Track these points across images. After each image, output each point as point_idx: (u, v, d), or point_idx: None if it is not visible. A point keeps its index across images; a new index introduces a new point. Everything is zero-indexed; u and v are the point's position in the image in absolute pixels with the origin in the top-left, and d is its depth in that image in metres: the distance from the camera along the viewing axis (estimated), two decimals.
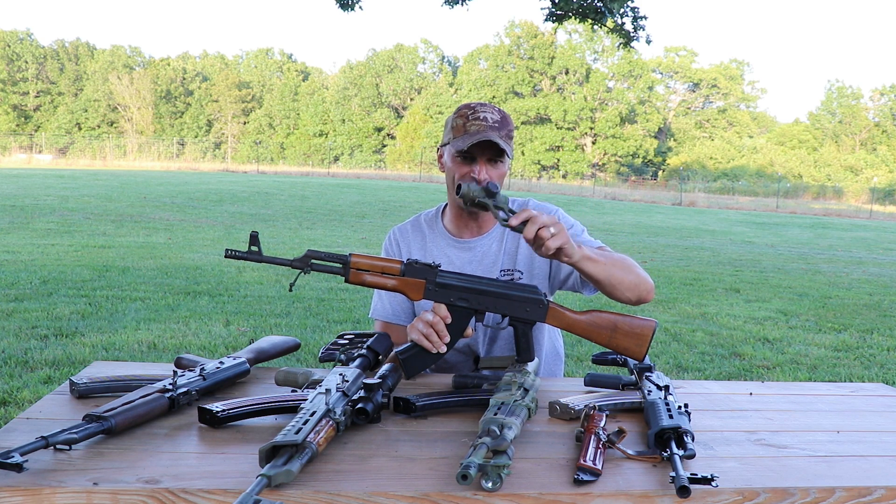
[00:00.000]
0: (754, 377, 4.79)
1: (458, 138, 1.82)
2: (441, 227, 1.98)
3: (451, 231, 1.97)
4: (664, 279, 8.91)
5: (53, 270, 7.28)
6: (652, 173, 50.43)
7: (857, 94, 53.76)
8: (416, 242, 1.99)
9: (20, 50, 55.01)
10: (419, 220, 2.03)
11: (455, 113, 1.86)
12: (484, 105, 1.84)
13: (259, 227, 12.80)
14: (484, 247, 1.94)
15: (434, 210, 2.04)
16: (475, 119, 1.80)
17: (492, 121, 1.81)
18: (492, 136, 1.77)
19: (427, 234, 1.99)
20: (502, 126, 1.82)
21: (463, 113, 1.83)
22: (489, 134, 1.77)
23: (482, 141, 1.77)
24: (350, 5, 9.08)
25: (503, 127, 1.82)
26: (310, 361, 4.41)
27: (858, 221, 26.88)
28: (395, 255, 2.00)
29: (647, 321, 1.65)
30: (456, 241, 1.95)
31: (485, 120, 1.80)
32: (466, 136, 1.79)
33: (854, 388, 1.83)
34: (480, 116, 1.80)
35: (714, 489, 1.10)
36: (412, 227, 2.02)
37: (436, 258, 1.94)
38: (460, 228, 1.95)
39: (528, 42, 50.30)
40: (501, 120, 1.82)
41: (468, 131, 1.80)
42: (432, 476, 1.13)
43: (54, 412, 1.37)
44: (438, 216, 2.01)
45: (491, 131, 1.79)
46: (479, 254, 1.94)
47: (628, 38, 9.63)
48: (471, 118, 1.81)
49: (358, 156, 53.99)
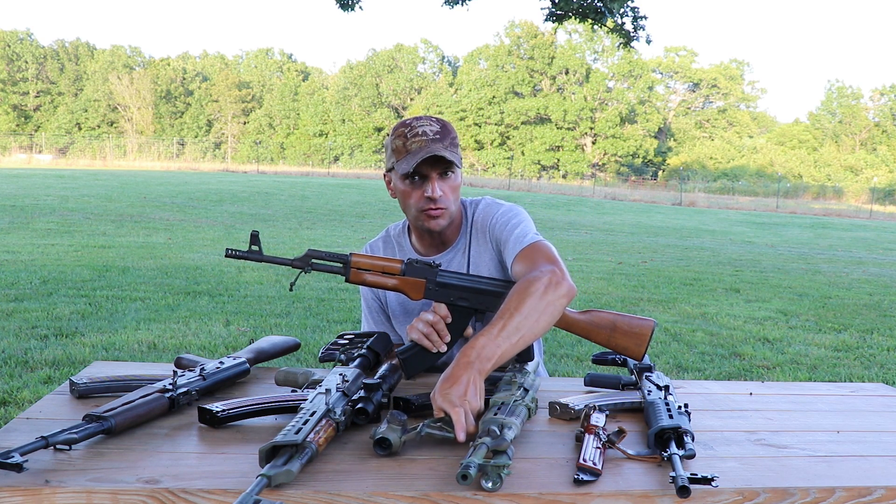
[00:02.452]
0: (754, 377, 4.79)
1: (401, 160, 1.71)
2: (408, 243, 1.91)
3: (417, 248, 1.89)
4: (664, 279, 8.91)
5: (53, 270, 7.28)
6: (652, 173, 50.45)
7: (857, 94, 53.78)
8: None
9: (20, 50, 55.01)
10: (388, 234, 1.96)
11: (392, 134, 1.75)
12: (420, 119, 1.74)
13: (259, 227, 12.80)
14: (452, 261, 1.85)
15: (401, 224, 1.95)
16: (414, 136, 1.70)
17: (432, 133, 1.70)
18: (436, 150, 1.67)
19: (396, 250, 1.92)
20: (444, 136, 1.71)
21: (400, 132, 1.72)
22: (432, 148, 1.67)
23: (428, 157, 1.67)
24: (350, 5, 9.09)
25: (445, 136, 1.71)
26: (310, 361, 4.41)
27: (858, 221, 26.88)
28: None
29: (646, 321, 1.65)
30: (424, 259, 1.85)
31: (424, 134, 1.70)
32: (410, 156, 1.69)
33: (854, 388, 1.83)
34: (419, 132, 1.70)
35: (714, 489, 1.10)
36: (383, 243, 1.95)
37: None
38: (427, 247, 1.87)
39: (528, 42, 50.32)
40: (441, 129, 1.72)
41: (410, 150, 1.69)
42: (432, 476, 1.13)
43: (54, 412, 1.37)
44: (405, 233, 1.93)
45: (433, 144, 1.69)
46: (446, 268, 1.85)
47: (628, 38, 9.64)
48: (409, 136, 1.70)
49: (358, 156, 53.99)
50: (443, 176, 1.72)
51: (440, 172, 1.71)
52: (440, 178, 1.72)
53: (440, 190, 1.71)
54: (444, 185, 1.72)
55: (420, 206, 1.73)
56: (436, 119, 1.75)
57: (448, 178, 1.73)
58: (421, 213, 1.74)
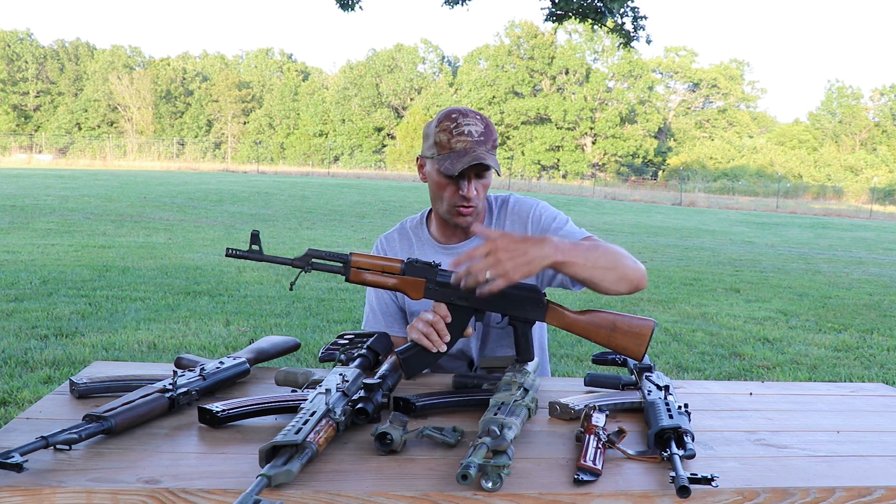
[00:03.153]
0: (754, 377, 4.79)
1: (443, 155, 1.73)
2: (426, 234, 1.94)
3: (436, 238, 1.92)
4: (664, 279, 8.91)
5: (53, 270, 7.28)
6: (652, 173, 50.44)
7: (857, 94, 53.79)
8: (404, 250, 1.94)
9: (20, 50, 55.02)
10: (404, 227, 1.99)
11: (437, 125, 1.75)
12: (466, 115, 1.74)
13: (259, 227, 12.79)
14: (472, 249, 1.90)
15: (419, 216, 1.99)
16: (460, 134, 1.71)
17: (477, 134, 1.72)
18: (481, 156, 1.69)
19: (413, 240, 1.94)
20: (487, 138, 1.73)
21: (445, 126, 1.73)
22: (477, 153, 1.70)
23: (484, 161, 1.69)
24: (350, 5, 9.08)
25: (488, 139, 1.74)
26: (310, 361, 4.41)
27: (858, 221, 26.88)
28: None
29: (645, 320, 1.65)
30: (442, 247, 1.91)
31: (470, 135, 1.71)
32: (454, 156, 1.71)
33: (854, 388, 1.83)
34: (465, 130, 1.71)
35: (714, 489, 1.10)
36: (399, 235, 1.97)
37: None
38: (447, 235, 1.90)
39: (528, 42, 50.32)
40: (486, 130, 1.74)
41: (454, 149, 1.71)
42: (432, 476, 1.13)
43: (54, 412, 1.37)
44: (423, 223, 1.96)
45: (478, 147, 1.71)
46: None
47: (628, 38, 9.64)
48: (455, 133, 1.71)
49: (358, 156, 54.00)
50: (478, 176, 1.77)
51: (477, 172, 1.76)
52: (476, 178, 1.76)
53: (474, 190, 1.76)
54: (478, 185, 1.77)
55: (453, 202, 1.78)
56: (480, 117, 1.76)
57: (483, 178, 1.78)
58: (453, 209, 1.79)
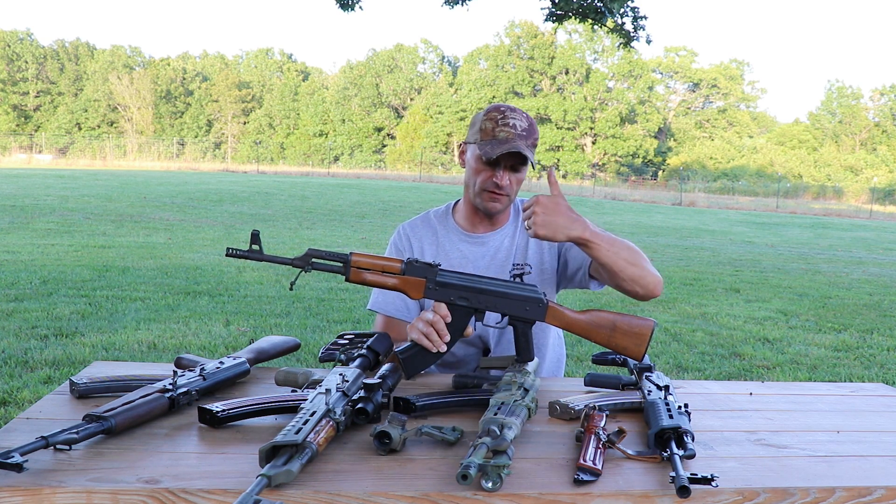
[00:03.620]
0: (754, 377, 4.79)
1: (485, 142, 1.82)
2: (452, 222, 2.01)
3: (463, 226, 1.99)
4: (664, 279, 8.89)
5: (53, 270, 7.28)
6: (652, 173, 50.44)
7: (857, 94, 53.78)
8: (428, 237, 2.00)
9: (20, 50, 55.01)
10: (428, 216, 2.05)
11: (484, 114, 1.86)
12: (514, 110, 1.84)
13: (259, 227, 12.78)
14: (496, 241, 1.97)
15: (444, 207, 2.06)
16: (504, 125, 1.81)
17: (520, 129, 1.82)
18: (520, 147, 1.78)
19: (438, 229, 2.01)
20: (529, 134, 1.83)
21: (492, 116, 1.83)
22: (517, 144, 1.79)
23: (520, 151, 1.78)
24: (350, 5, 9.08)
25: (530, 135, 1.83)
26: (310, 361, 4.41)
27: (858, 221, 26.88)
28: (405, 250, 2.00)
29: (645, 321, 1.65)
30: (468, 235, 1.98)
31: (514, 127, 1.81)
32: (495, 143, 1.80)
33: (854, 388, 1.83)
34: (510, 123, 1.81)
35: (714, 489, 1.10)
36: (422, 223, 2.04)
37: (448, 253, 1.97)
38: (474, 224, 1.98)
39: (528, 42, 50.31)
40: (529, 128, 1.84)
41: (496, 137, 1.81)
42: (432, 476, 1.13)
43: (54, 412, 1.37)
44: (449, 213, 2.04)
45: (519, 140, 1.80)
46: (492, 248, 1.97)
47: (628, 38, 9.63)
48: (500, 123, 1.81)
49: (358, 156, 53.99)
50: (514, 168, 1.86)
51: (513, 165, 1.85)
52: (511, 170, 1.86)
53: (508, 179, 1.85)
54: (512, 177, 1.87)
55: (485, 186, 1.86)
56: (526, 116, 1.87)
57: (518, 172, 1.88)
58: (483, 192, 1.88)
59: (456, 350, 1.86)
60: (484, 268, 1.94)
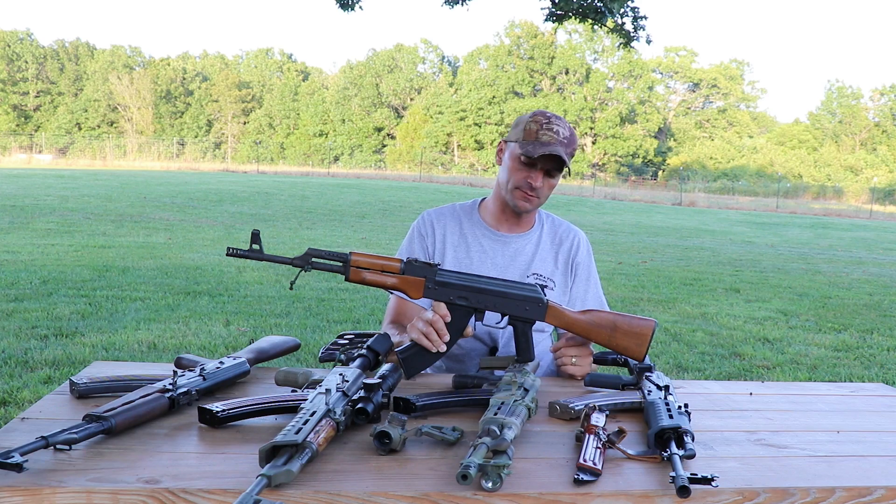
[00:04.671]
0: (754, 377, 4.79)
1: (528, 142, 1.86)
2: (478, 217, 2.04)
3: (489, 223, 2.03)
4: (664, 279, 8.91)
5: (53, 270, 7.28)
6: (652, 173, 50.45)
7: (857, 94, 53.79)
8: (452, 226, 2.03)
9: (20, 50, 55.01)
10: (455, 207, 2.09)
11: (530, 116, 1.91)
12: (559, 118, 1.90)
13: (259, 227, 12.75)
14: (520, 244, 2.00)
15: (470, 202, 2.10)
16: (548, 129, 1.86)
17: (562, 136, 1.87)
18: (560, 152, 1.83)
19: (463, 221, 2.04)
20: (570, 143, 1.89)
21: (538, 120, 1.88)
22: (558, 148, 1.84)
23: (549, 154, 1.83)
24: (350, 5, 9.07)
25: (570, 144, 1.89)
26: (310, 361, 4.40)
27: (858, 221, 26.88)
28: (427, 235, 2.03)
29: (646, 321, 1.65)
30: (493, 232, 2.01)
31: (557, 133, 1.86)
32: (537, 144, 1.84)
33: (854, 388, 1.83)
34: (554, 129, 1.86)
35: (714, 489, 1.10)
36: (449, 212, 2.07)
37: (470, 245, 1.99)
38: (500, 222, 2.02)
39: (528, 42, 50.32)
40: (570, 137, 1.89)
41: (539, 139, 1.85)
42: (432, 476, 1.13)
43: (54, 412, 1.37)
44: (475, 208, 2.07)
45: (560, 146, 1.85)
46: (513, 250, 1.99)
47: (628, 38, 9.63)
48: (545, 127, 1.86)
49: (358, 156, 53.99)
50: (549, 173, 1.91)
51: (549, 169, 1.90)
52: (546, 174, 1.90)
53: (541, 182, 1.90)
54: (546, 180, 1.92)
55: (518, 184, 1.91)
56: (569, 127, 1.93)
57: (552, 177, 1.92)
58: (516, 190, 1.92)
59: (463, 342, 1.87)
60: (502, 266, 1.96)
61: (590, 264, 2.05)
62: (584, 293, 2.01)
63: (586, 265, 2.04)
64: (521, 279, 1.93)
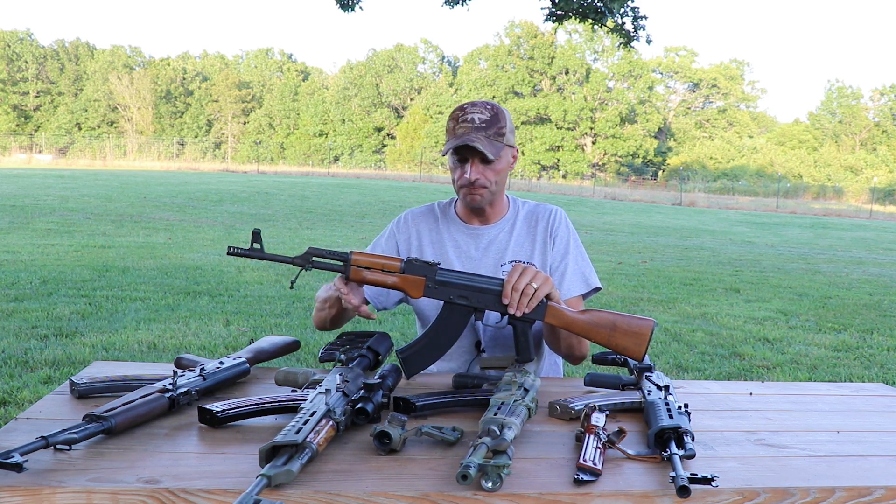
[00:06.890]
0: (754, 377, 4.79)
1: (448, 141, 1.85)
2: (453, 213, 2.05)
3: (462, 218, 2.03)
4: (664, 279, 8.91)
5: (53, 270, 7.28)
6: (652, 173, 50.44)
7: (857, 94, 53.78)
8: (430, 224, 2.04)
9: (20, 50, 55.00)
10: (433, 206, 2.10)
11: (450, 115, 1.88)
12: (475, 104, 1.85)
13: (259, 227, 12.77)
14: (492, 234, 1.99)
15: (448, 200, 2.10)
16: (463, 121, 1.83)
17: (479, 121, 1.81)
18: (471, 139, 1.78)
19: (439, 217, 2.05)
20: (490, 125, 1.82)
21: (455, 115, 1.86)
22: (470, 137, 1.79)
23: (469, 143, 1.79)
24: (350, 5, 9.08)
25: (491, 125, 1.82)
26: (310, 361, 4.41)
27: (858, 221, 26.89)
28: (401, 233, 2.04)
29: (645, 320, 1.64)
30: (466, 226, 2.01)
31: (471, 121, 1.81)
32: (453, 140, 1.82)
33: (854, 388, 1.83)
34: (468, 118, 1.82)
35: (714, 489, 1.10)
36: (427, 211, 2.08)
37: (444, 242, 2.00)
38: (468, 216, 2.02)
39: (528, 42, 50.30)
40: (490, 119, 1.82)
41: (455, 134, 1.83)
42: (432, 476, 1.13)
43: (54, 412, 1.37)
44: (452, 205, 2.08)
45: (475, 132, 1.80)
46: (486, 241, 1.99)
47: (628, 38, 9.63)
48: (460, 120, 1.83)
49: (358, 156, 53.99)
50: (484, 160, 1.84)
51: (482, 157, 1.83)
52: (482, 163, 1.85)
53: (476, 174, 1.85)
54: (485, 170, 1.85)
55: (460, 183, 1.89)
56: (491, 107, 1.85)
57: (490, 163, 1.85)
58: (461, 189, 1.91)
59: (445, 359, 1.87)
60: (477, 259, 1.96)
61: (568, 236, 2.00)
62: (561, 263, 1.96)
63: (564, 237, 1.99)
64: (495, 270, 1.93)
